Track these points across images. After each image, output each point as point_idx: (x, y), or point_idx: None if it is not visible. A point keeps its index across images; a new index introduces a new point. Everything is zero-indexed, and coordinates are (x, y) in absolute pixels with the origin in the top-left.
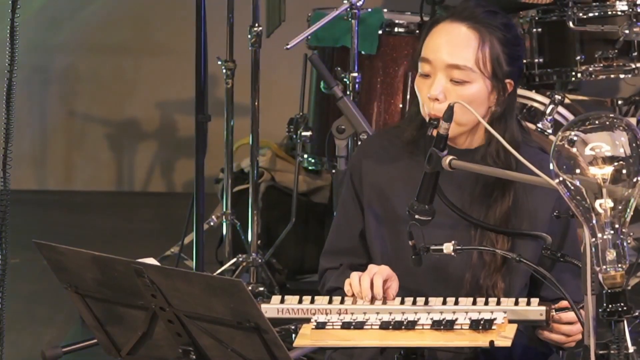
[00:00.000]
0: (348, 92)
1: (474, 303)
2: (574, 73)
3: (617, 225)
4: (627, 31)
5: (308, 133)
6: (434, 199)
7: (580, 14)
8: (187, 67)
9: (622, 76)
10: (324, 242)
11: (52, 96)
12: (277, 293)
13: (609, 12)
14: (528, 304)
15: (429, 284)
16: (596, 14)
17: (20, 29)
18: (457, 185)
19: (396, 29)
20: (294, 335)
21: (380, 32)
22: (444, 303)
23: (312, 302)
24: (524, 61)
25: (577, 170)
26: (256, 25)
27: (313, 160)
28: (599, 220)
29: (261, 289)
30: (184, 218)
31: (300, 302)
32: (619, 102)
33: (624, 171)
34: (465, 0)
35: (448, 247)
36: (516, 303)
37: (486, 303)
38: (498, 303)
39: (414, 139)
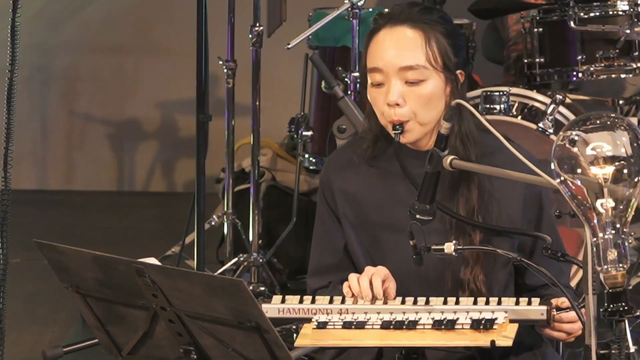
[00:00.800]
0: (349, 92)
1: (475, 303)
2: (574, 73)
3: (618, 225)
4: (628, 31)
5: (309, 133)
6: (434, 199)
7: (581, 14)
8: (188, 66)
9: (623, 76)
10: None
11: (53, 96)
12: (278, 293)
13: (610, 12)
14: (529, 303)
15: (413, 286)
16: (597, 13)
17: (21, 28)
18: None
19: None
20: (295, 335)
21: None
22: (445, 303)
23: (313, 301)
24: (526, 61)
25: (578, 170)
26: (257, 25)
27: (314, 160)
28: (600, 220)
29: (262, 288)
30: (185, 218)
31: (301, 301)
32: (620, 101)
33: (625, 171)
34: (397, 4)
35: (449, 247)
36: (517, 303)
37: (487, 303)
38: (499, 303)
39: (374, 152)
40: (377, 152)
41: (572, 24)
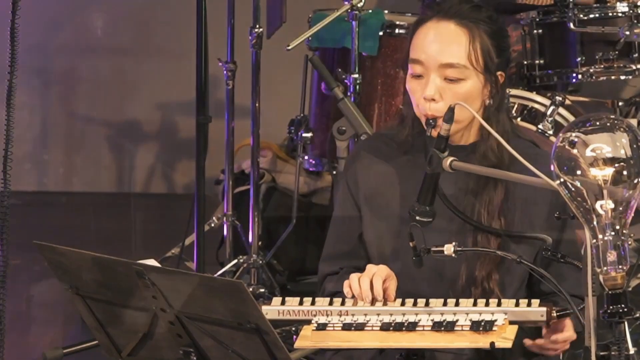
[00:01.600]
0: (349, 93)
1: (475, 304)
2: (574, 74)
3: (617, 227)
4: (627, 32)
5: (309, 134)
6: (434, 200)
7: (581, 15)
8: (188, 68)
9: (622, 77)
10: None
11: (53, 97)
12: (277, 294)
13: (610, 14)
14: (529, 305)
15: (427, 280)
16: (597, 15)
17: (20, 30)
18: (453, 181)
19: (397, 30)
20: (294, 337)
21: (381, 33)
22: (445, 304)
23: (313, 303)
24: (525, 63)
25: (578, 172)
26: (257, 26)
27: (314, 162)
28: (600, 221)
29: (262, 290)
30: (185, 219)
31: (301, 303)
32: (620, 103)
33: (625, 172)
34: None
35: (449, 249)
36: (517, 304)
37: (487, 304)
38: (499, 304)
39: (409, 141)
40: (412, 139)
41: (571, 25)
